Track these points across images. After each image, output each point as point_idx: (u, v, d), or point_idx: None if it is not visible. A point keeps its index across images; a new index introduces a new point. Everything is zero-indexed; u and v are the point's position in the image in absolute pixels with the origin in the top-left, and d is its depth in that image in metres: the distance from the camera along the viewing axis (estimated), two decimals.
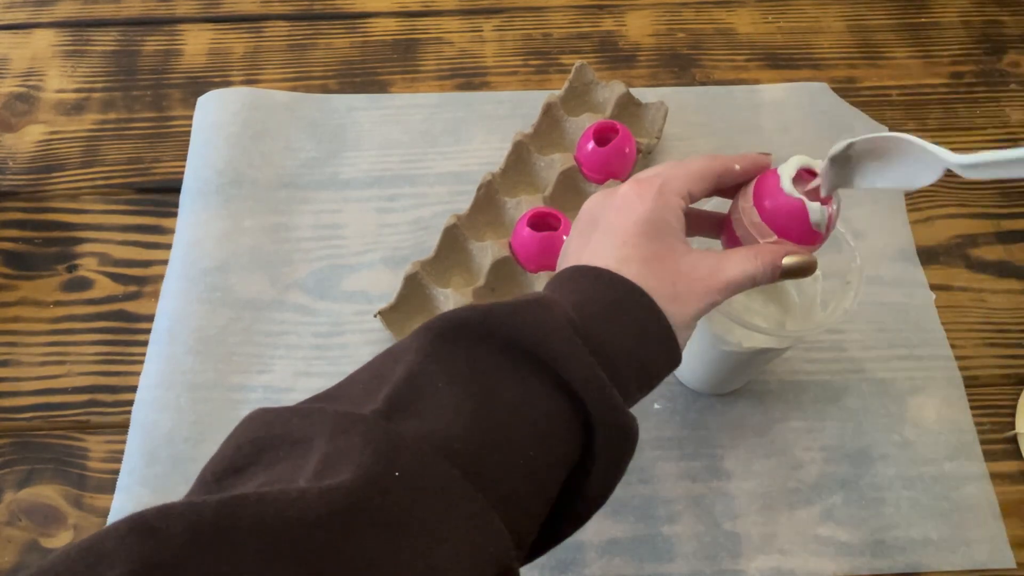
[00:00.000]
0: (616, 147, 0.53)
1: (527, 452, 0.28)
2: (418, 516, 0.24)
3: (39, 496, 0.47)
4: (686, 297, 0.32)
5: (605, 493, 0.30)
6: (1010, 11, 0.68)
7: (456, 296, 0.50)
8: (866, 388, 0.50)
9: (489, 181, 0.54)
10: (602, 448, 0.29)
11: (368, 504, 0.24)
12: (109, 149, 0.60)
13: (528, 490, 0.28)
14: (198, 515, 0.22)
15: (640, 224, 0.33)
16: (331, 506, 0.23)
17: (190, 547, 0.21)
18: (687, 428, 0.49)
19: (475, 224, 0.54)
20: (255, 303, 0.53)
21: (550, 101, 0.57)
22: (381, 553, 0.23)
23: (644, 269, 0.32)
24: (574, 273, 0.33)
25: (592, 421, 0.29)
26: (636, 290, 0.31)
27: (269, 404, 0.49)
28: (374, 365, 0.31)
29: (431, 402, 0.28)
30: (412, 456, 0.25)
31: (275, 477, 0.25)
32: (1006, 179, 0.32)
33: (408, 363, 0.29)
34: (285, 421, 0.27)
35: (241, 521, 0.22)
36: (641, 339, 0.31)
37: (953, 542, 0.45)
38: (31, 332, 0.52)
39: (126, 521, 0.22)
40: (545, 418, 0.29)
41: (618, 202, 0.34)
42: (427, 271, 0.51)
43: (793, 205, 0.33)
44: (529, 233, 0.50)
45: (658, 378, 0.32)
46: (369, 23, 0.67)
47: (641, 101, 0.58)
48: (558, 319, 0.29)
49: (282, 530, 0.22)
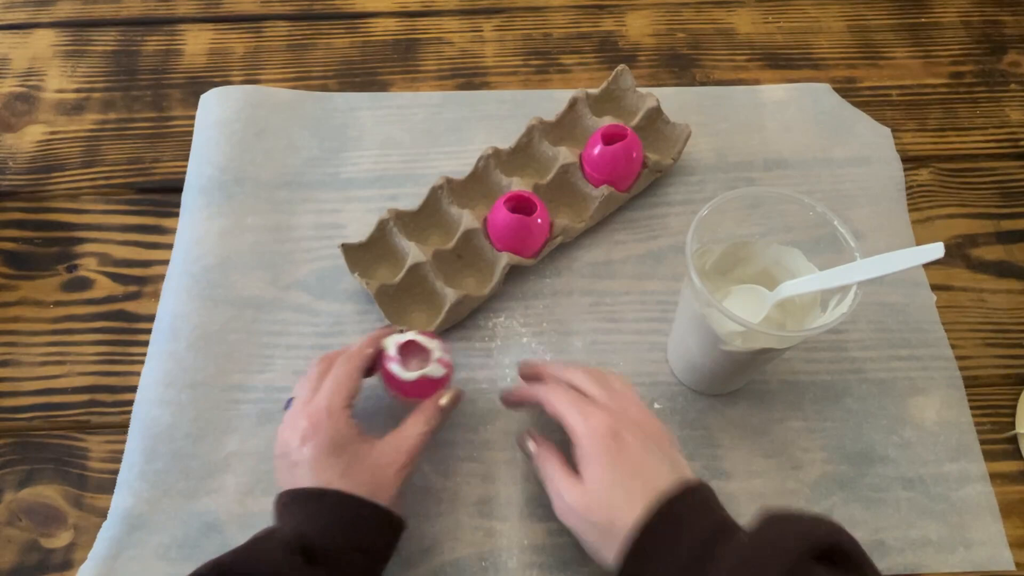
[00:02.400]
0: (620, 151, 0.53)
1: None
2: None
3: (39, 496, 0.47)
4: (384, 485, 0.40)
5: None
6: (1010, 11, 0.68)
7: (417, 252, 0.51)
8: (866, 388, 0.50)
9: (490, 155, 0.55)
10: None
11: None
12: (109, 149, 0.60)
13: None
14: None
15: (325, 449, 0.40)
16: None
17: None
18: (687, 428, 0.49)
19: (467, 192, 0.55)
20: (256, 301, 0.53)
21: (578, 96, 0.57)
22: None
23: (344, 480, 0.39)
24: (295, 496, 0.40)
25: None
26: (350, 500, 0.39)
27: (268, 403, 0.49)
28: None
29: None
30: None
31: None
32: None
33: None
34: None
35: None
36: (368, 535, 0.39)
37: (952, 543, 0.45)
38: (31, 332, 0.52)
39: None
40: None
41: (299, 437, 0.41)
42: (403, 222, 0.53)
43: (418, 380, 0.44)
44: (504, 213, 0.51)
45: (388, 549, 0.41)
46: (369, 23, 0.67)
47: (669, 119, 0.58)
48: (275, 546, 0.37)
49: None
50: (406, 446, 0.42)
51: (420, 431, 0.42)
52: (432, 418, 0.43)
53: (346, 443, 0.41)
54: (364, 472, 0.40)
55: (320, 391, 0.42)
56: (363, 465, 0.40)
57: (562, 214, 0.55)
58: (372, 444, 0.41)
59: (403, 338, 0.45)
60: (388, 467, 0.41)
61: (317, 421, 0.41)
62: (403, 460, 0.41)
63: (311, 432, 0.41)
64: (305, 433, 0.41)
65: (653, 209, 0.57)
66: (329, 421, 0.41)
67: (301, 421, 0.41)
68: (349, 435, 0.41)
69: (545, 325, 0.52)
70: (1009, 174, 0.59)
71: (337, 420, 0.41)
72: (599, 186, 0.54)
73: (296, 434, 0.41)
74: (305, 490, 0.40)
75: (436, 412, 0.44)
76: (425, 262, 0.50)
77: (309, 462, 0.40)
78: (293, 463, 0.41)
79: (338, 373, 0.43)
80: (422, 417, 0.43)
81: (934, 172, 0.59)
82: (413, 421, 0.43)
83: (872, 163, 0.59)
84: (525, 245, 0.52)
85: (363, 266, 0.52)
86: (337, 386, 0.42)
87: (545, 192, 0.54)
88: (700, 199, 0.56)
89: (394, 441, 0.42)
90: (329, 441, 0.40)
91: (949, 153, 0.60)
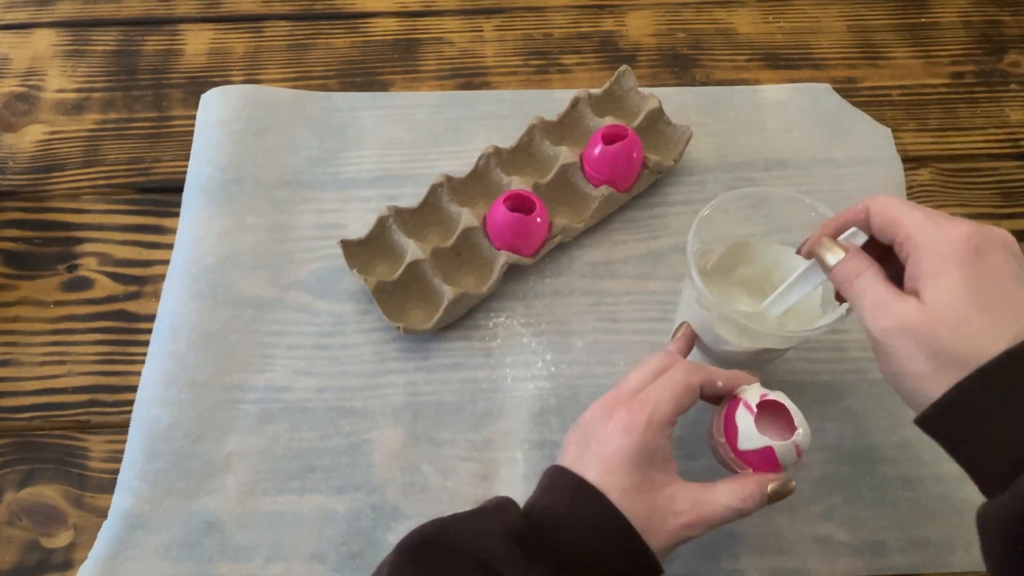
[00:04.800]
0: (620, 151, 0.53)
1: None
2: None
3: (39, 496, 0.47)
4: (657, 530, 0.35)
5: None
6: (1010, 11, 0.68)
7: (416, 249, 0.51)
8: (866, 388, 0.50)
9: (490, 154, 0.55)
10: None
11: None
12: (109, 149, 0.60)
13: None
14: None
15: (625, 456, 0.35)
16: None
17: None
18: (687, 428, 0.49)
19: (467, 190, 0.55)
20: (256, 301, 0.53)
21: (580, 96, 0.57)
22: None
23: (623, 498, 0.35)
24: (559, 476, 0.37)
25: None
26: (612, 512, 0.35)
27: (268, 403, 0.49)
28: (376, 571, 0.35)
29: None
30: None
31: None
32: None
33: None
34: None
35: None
36: (607, 546, 0.34)
37: (952, 543, 0.45)
38: (31, 332, 0.52)
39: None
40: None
41: (610, 428, 0.37)
42: (402, 219, 0.53)
43: (763, 449, 0.37)
44: (503, 212, 0.51)
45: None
46: (369, 23, 0.67)
47: (671, 120, 0.58)
48: (497, 527, 0.34)
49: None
50: (707, 510, 0.35)
51: (729, 505, 0.36)
52: (749, 499, 0.36)
53: (648, 464, 0.36)
54: (646, 504, 0.35)
55: (652, 389, 0.37)
56: (650, 497, 0.35)
57: (562, 214, 0.55)
58: (672, 480, 0.36)
59: (768, 394, 0.38)
60: (674, 516, 0.35)
61: (633, 423, 0.36)
62: (693, 519, 0.35)
63: (621, 431, 0.36)
64: (615, 428, 0.36)
65: (653, 209, 0.57)
66: (646, 431, 0.36)
67: (620, 410, 0.37)
68: (656, 457, 0.36)
69: (545, 325, 0.52)
70: (1009, 174, 0.59)
71: (655, 434, 0.36)
72: (599, 186, 0.54)
73: (607, 420, 0.37)
74: (584, 481, 0.35)
75: (757, 496, 0.36)
76: (424, 259, 0.51)
77: (600, 456, 0.36)
78: (585, 442, 0.37)
79: (678, 380, 0.37)
80: (740, 492, 0.36)
81: (934, 172, 0.59)
82: (728, 488, 0.36)
83: (872, 163, 0.59)
84: (524, 244, 0.52)
85: (362, 263, 0.52)
86: (672, 394, 0.37)
87: (545, 192, 0.54)
88: (700, 199, 0.56)
89: (695, 494, 0.36)
90: (633, 451, 0.35)
91: (949, 153, 0.60)
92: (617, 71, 0.59)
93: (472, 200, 0.55)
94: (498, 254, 0.52)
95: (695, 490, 0.36)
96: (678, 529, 0.35)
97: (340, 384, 0.50)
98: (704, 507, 0.35)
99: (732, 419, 0.38)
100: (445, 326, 0.51)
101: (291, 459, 0.48)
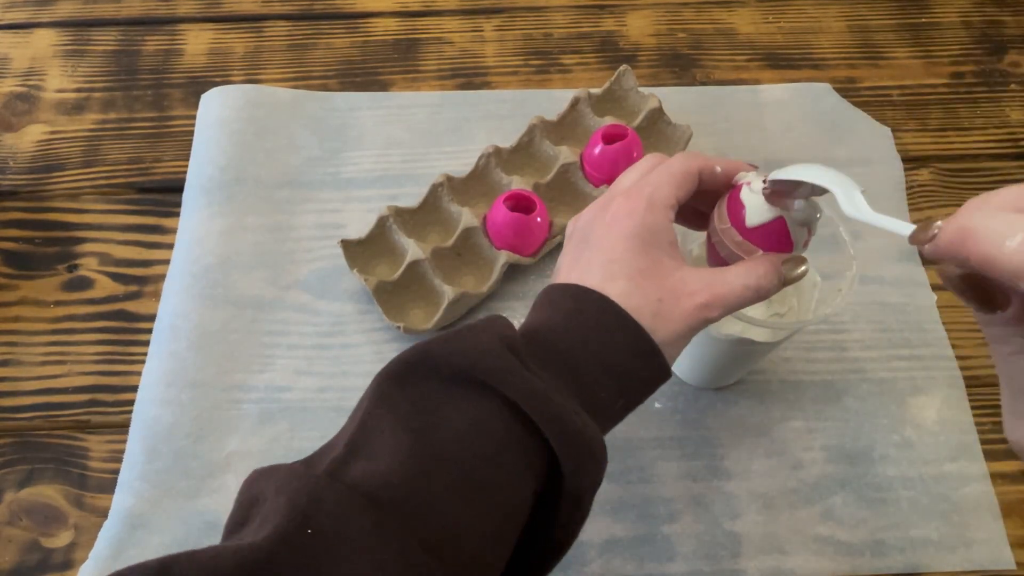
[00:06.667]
0: (620, 150, 0.53)
1: (473, 476, 0.29)
2: (327, 571, 0.26)
3: (40, 496, 0.47)
4: (670, 314, 0.32)
5: (578, 507, 0.31)
6: (1010, 11, 0.68)
7: (416, 249, 0.51)
8: (867, 388, 0.50)
9: (491, 153, 0.55)
10: (566, 459, 0.30)
11: (277, 561, 0.25)
12: (110, 149, 0.60)
13: (474, 513, 0.29)
14: (143, 569, 0.26)
15: (628, 239, 0.32)
16: (242, 564, 0.25)
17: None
18: (688, 427, 0.49)
19: (467, 190, 0.55)
20: (257, 301, 0.53)
21: (580, 96, 0.57)
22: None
23: (629, 285, 0.32)
24: (552, 291, 0.34)
25: (544, 432, 0.29)
26: (611, 306, 0.31)
27: (269, 403, 0.49)
28: (353, 411, 0.32)
29: (377, 444, 0.29)
30: (330, 513, 0.27)
31: (243, 534, 0.28)
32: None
33: (363, 408, 0.31)
34: (264, 479, 0.30)
35: (171, 573, 0.26)
36: (617, 353, 0.31)
37: (953, 542, 0.45)
38: (31, 332, 0.52)
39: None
40: (492, 439, 0.29)
41: (608, 218, 0.34)
42: (403, 219, 0.53)
43: (773, 222, 0.33)
44: (504, 211, 0.51)
45: (643, 390, 0.33)
46: (369, 23, 0.67)
47: (671, 120, 0.58)
48: (490, 339, 0.30)
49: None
50: (723, 289, 0.32)
51: (744, 282, 0.32)
52: (764, 277, 0.32)
53: (654, 246, 0.32)
54: (656, 288, 0.32)
55: (648, 177, 0.34)
56: (659, 281, 0.32)
57: (562, 213, 0.55)
58: (681, 265, 0.33)
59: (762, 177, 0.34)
60: (688, 297, 0.32)
61: (633, 207, 0.33)
62: (709, 299, 0.32)
63: (622, 216, 0.33)
64: (615, 215, 0.33)
65: None
66: (648, 212, 0.33)
67: (617, 199, 0.34)
68: (661, 239, 0.33)
69: None
70: (1009, 174, 0.59)
71: (657, 215, 0.33)
72: (599, 186, 0.54)
73: (603, 213, 0.34)
74: (582, 287, 0.32)
75: (773, 272, 0.33)
76: (424, 259, 0.51)
77: (602, 246, 0.33)
78: (584, 240, 0.34)
79: (675, 165, 0.34)
80: (755, 270, 0.33)
81: (934, 172, 0.59)
82: (743, 267, 0.33)
83: (872, 163, 0.59)
84: (524, 244, 0.52)
85: (362, 263, 0.52)
86: (671, 177, 0.34)
87: (545, 191, 0.54)
88: None
89: (708, 276, 0.33)
90: (636, 231, 0.32)
91: (949, 153, 0.60)
92: (617, 71, 0.59)
93: (472, 200, 0.55)
94: (498, 254, 0.52)
95: (708, 273, 0.33)
96: (693, 310, 0.32)
97: (340, 384, 0.50)
98: (719, 286, 0.32)
99: (736, 199, 0.34)
100: (445, 326, 0.51)
101: (291, 459, 0.47)
